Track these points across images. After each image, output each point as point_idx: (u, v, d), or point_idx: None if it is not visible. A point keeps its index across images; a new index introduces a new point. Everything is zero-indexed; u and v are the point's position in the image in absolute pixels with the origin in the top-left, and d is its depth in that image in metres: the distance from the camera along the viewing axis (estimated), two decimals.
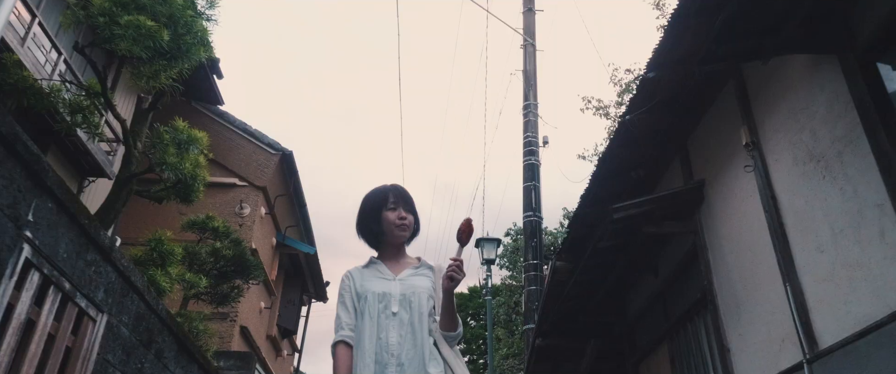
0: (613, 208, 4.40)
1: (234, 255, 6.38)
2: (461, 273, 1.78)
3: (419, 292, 1.85)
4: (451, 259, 1.79)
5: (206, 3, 3.75)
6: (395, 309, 1.82)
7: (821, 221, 3.22)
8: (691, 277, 4.78)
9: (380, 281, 1.89)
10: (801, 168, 3.40)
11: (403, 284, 1.88)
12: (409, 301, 1.84)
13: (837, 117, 3.10)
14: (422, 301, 1.84)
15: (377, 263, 1.96)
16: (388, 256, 1.97)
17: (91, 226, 2.91)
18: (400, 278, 1.90)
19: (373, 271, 1.93)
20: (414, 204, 1.99)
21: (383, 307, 1.83)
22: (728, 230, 4.18)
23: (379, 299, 1.83)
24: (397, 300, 1.84)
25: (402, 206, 1.94)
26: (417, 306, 1.83)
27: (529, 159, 9.78)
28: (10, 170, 2.34)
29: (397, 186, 2.00)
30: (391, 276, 1.91)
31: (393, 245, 1.96)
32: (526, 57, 10.69)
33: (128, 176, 3.77)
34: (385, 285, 1.87)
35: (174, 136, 3.78)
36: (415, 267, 1.94)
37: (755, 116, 3.85)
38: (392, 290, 1.86)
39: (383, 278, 1.90)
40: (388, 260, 1.96)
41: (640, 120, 4.35)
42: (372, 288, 1.86)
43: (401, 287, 1.87)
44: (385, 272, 1.92)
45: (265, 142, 8.58)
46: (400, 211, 1.94)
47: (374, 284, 1.88)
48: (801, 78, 3.41)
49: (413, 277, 1.91)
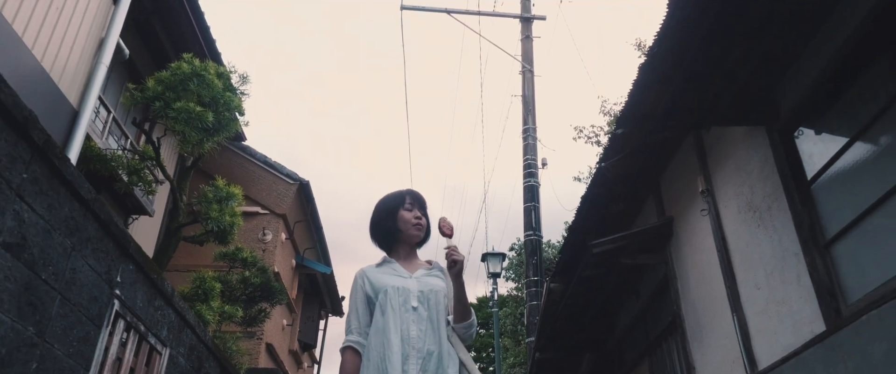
0: (593, 244, 5.04)
1: (262, 282, 7.10)
2: (459, 254, 1.82)
3: (436, 291, 1.88)
4: (445, 248, 1.85)
5: (240, 80, 4.48)
6: (415, 304, 1.83)
7: (757, 262, 3.84)
8: (665, 302, 5.39)
9: (395, 278, 1.91)
10: (743, 216, 4.02)
11: (420, 281, 1.90)
12: (427, 298, 1.85)
13: (766, 177, 3.73)
14: (439, 299, 1.86)
15: (391, 262, 1.98)
16: (401, 256, 2.00)
17: (158, 279, 3.63)
18: (415, 276, 1.93)
19: (387, 269, 1.95)
20: (427, 209, 2.05)
21: (403, 301, 1.84)
22: (692, 263, 4.80)
23: (398, 293, 1.85)
24: (415, 296, 1.85)
25: (418, 208, 2.00)
26: (435, 303, 1.85)
27: (529, 181, 10.38)
28: (106, 245, 3.06)
29: (413, 190, 2.06)
30: (407, 274, 1.93)
31: (406, 245, 2.00)
32: (524, 83, 11.28)
33: (176, 226, 4.49)
34: (402, 281, 1.89)
35: (216, 193, 4.50)
36: (427, 268, 1.97)
37: (709, 167, 4.48)
38: (409, 286, 1.87)
39: (399, 275, 1.92)
40: (401, 260, 1.98)
41: (614, 166, 4.99)
42: (389, 283, 1.88)
43: (418, 284, 1.88)
44: (400, 270, 1.94)
45: (284, 173, 9.33)
46: (416, 211, 1.99)
47: (390, 279, 1.89)
48: (741, 140, 4.04)
49: (427, 276, 1.93)
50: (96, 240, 2.96)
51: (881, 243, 2.88)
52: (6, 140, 2.28)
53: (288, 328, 10.20)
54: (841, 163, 3.17)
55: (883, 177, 2.85)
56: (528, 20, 11.76)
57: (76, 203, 2.75)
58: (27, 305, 2.44)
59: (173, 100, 3.95)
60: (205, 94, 4.03)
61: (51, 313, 2.60)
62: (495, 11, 12.43)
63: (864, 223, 2.98)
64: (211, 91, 4.04)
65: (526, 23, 11.87)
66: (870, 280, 2.92)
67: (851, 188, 3.10)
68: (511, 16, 12.29)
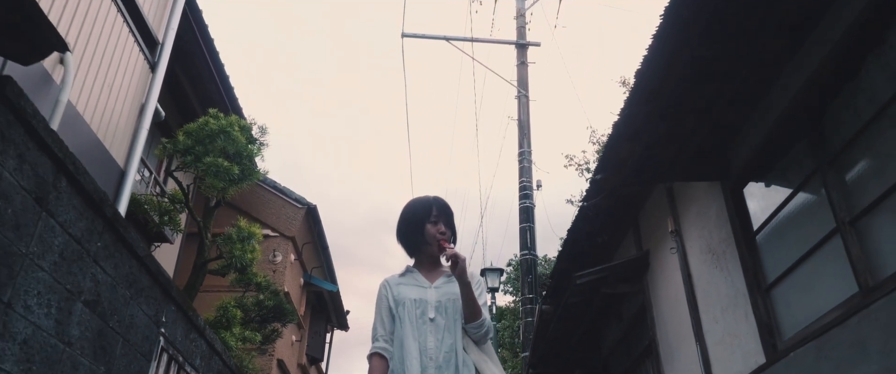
0: (576, 276, 5.58)
1: (275, 305, 7.65)
2: (459, 255, 1.86)
3: (454, 299, 1.94)
4: (444, 255, 1.94)
5: (259, 132, 5.06)
6: (432, 315, 1.90)
7: (715, 298, 4.38)
8: (644, 326, 5.92)
9: (416, 289, 1.98)
10: (704, 256, 4.56)
11: (438, 291, 1.97)
12: (444, 308, 1.93)
13: (722, 224, 4.27)
14: (456, 307, 1.93)
15: (413, 271, 2.06)
16: (424, 265, 2.07)
17: (193, 315, 4.18)
18: (435, 285, 2.00)
19: (409, 280, 2.03)
20: (453, 218, 2.09)
21: (420, 313, 1.91)
22: (665, 294, 5.33)
23: (416, 306, 1.93)
24: (433, 307, 1.93)
25: (443, 220, 2.04)
26: (452, 312, 1.92)
27: (524, 203, 10.90)
28: (155, 292, 3.62)
29: (440, 199, 2.10)
30: (427, 284, 2.00)
31: (430, 256, 2.06)
32: (520, 107, 11.80)
33: (203, 262, 5.05)
34: (421, 292, 1.97)
35: (239, 233, 5.07)
36: (448, 275, 2.01)
37: (678, 210, 5.02)
38: (428, 297, 1.95)
39: (419, 285, 2.00)
40: (423, 269, 2.06)
41: (595, 206, 5.54)
42: (408, 295, 1.96)
43: (436, 295, 1.96)
44: (421, 280, 2.02)
45: (293, 197, 9.89)
46: (440, 226, 2.03)
47: (410, 291, 1.97)
48: (702, 190, 4.58)
49: (447, 284, 1.99)
50: (148, 288, 3.52)
51: (808, 290, 3.42)
52: (87, 218, 2.85)
53: (297, 343, 10.75)
54: (778, 219, 3.72)
55: (809, 235, 3.39)
56: (524, 47, 12.28)
57: (134, 260, 3.31)
58: (100, 349, 3.00)
59: (202, 153, 4.51)
60: (230, 148, 4.60)
61: (116, 353, 3.16)
62: (492, 39, 12.99)
63: (796, 272, 3.52)
64: (236, 146, 4.60)
65: (521, 49, 12.40)
66: (799, 321, 3.46)
67: (787, 241, 3.64)
68: (507, 42, 12.80)
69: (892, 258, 2.80)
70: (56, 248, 2.62)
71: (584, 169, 11.52)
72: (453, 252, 1.86)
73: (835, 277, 3.14)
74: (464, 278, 1.86)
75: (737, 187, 4.13)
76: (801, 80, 3.32)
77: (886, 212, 2.86)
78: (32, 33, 2.28)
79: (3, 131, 2.26)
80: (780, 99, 3.54)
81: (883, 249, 2.87)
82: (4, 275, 2.29)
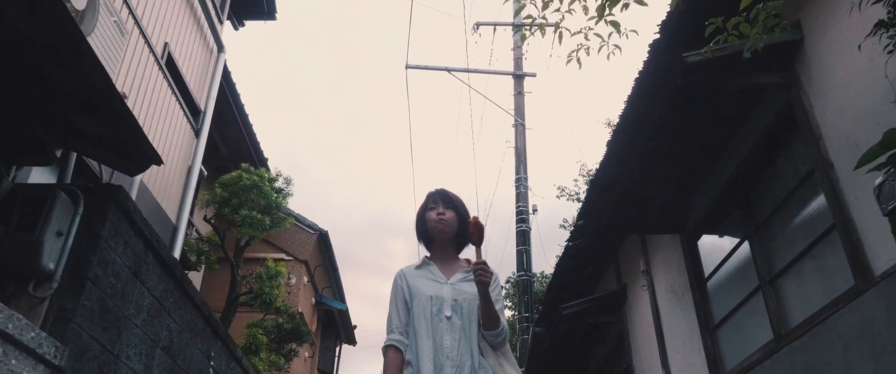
0: (563, 307, 6.33)
1: (292, 327, 8.44)
2: (488, 274, 1.79)
3: (470, 300, 1.87)
4: (473, 264, 1.82)
5: (284, 183, 5.85)
6: (448, 313, 1.84)
7: (677, 332, 5.12)
8: (622, 351, 6.66)
9: (431, 284, 1.93)
10: (668, 296, 5.31)
11: (455, 289, 1.90)
12: (461, 307, 1.86)
13: (681, 271, 5.02)
14: (472, 308, 1.87)
15: (429, 264, 2.00)
16: (439, 257, 2.02)
17: (233, 348, 4.96)
18: (451, 282, 1.93)
19: (425, 272, 1.97)
20: (458, 204, 2.04)
21: (436, 311, 1.85)
22: (639, 325, 6.07)
23: (432, 302, 1.87)
24: (449, 305, 1.86)
25: (441, 204, 2.01)
26: (468, 312, 1.86)
27: (521, 226, 11.64)
28: (207, 332, 4.39)
29: (441, 189, 2.08)
30: (443, 279, 1.94)
31: (440, 245, 2.02)
32: (516, 135, 12.58)
33: (235, 296, 5.83)
34: (437, 288, 1.91)
35: (267, 272, 5.84)
36: (465, 271, 1.96)
37: (649, 253, 5.77)
38: (444, 294, 1.89)
39: (435, 280, 1.94)
40: (439, 261, 2.01)
41: (578, 246, 6.30)
42: (424, 290, 1.90)
43: (452, 292, 1.89)
44: (437, 275, 1.95)
45: (306, 223, 10.68)
46: (439, 207, 2.00)
47: (425, 286, 1.92)
48: (667, 238, 5.34)
49: (463, 282, 1.93)
50: (202, 330, 4.30)
51: (741, 333, 4.17)
52: (164, 281, 3.63)
53: (309, 359, 11.52)
54: (722, 271, 4.47)
55: (742, 288, 4.14)
56: (520, 77, 13.06)
57: (194, 309, 4.08)
58: None
59: (238, 205, 5.29)
60: (262, 201, 5.38)
61: None
62: (490, 69, 13.79)
63: (733, 317, 4.27)
64: (267, 199, 5.38)
65: (518, 79, 13.18)
66: (736, 359, 4.21)
67: (728, 291, 4.39)
68: (505, 73, 13.58)
69: (798, 312, 3.54)
70: (145, 307, 3.39)
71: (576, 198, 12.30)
72: (482, 277, 1.77)
73: (758, 325, 3.89)
74: (486, 296, 1.80)
75: (692, 239, 4.89)
76: (734, 164, 4.09)
77: (794, 275, 3.61)
78: (137, 151, 3.07)
79: (116, 227, 3.05)
80: (721, 175, 4.30)
81: (791, 304, 3.62)
82: (115, 334, 3.07)
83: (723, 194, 4.31)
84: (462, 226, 2.01)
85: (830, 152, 3.16)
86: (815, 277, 3.43)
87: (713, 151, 4.24)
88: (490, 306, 1.83)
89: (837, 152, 3.10)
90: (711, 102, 3.75)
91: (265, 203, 5.38)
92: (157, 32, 4.68)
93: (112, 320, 3.03)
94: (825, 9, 3.17)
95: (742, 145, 4.00)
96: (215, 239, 5.80)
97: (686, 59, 3.29)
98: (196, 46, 5.45)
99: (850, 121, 2.98)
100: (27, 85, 2.70)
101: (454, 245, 2.04)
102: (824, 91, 3.20)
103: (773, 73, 3.49)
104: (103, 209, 2.97)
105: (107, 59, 3.09)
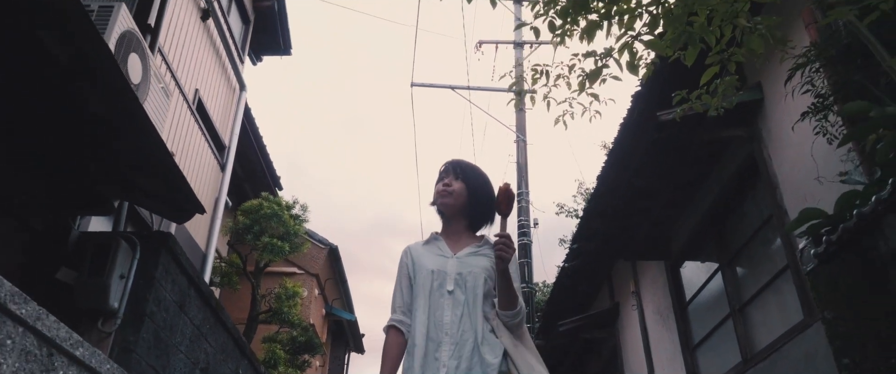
0: (559, 324, 6.80)
1: (306, 339, 8.92)
2: (509, 250, 1.69)
3: (476, 273, 1.78)
4: (495, 236, 1.72)
5: (301, 210, 6.35)
6: (450, 288, 1.76)
7: (662, 351, 5.58)
8: (615, 365, 7.11)
9: (436, 258, 1.84)
10: (655, 316, 5.77)
11: (461, 262, 1.81)
12: (465, 280, 1.77)
13: (665, 294, 5.48)
14: (478, 282, 1.77)
15: (438, 239, 1.90)
16: (448, 231, 1.91)
17: (258, 364, 5.46)
18: (458, 256, 1.83)
19: (432, 248, 1.88)
20: (470, 174, 1.90)
21: (438, 285, 1.77)
22: (630, 341, 6.53)
23: (434, 277, 1.78)
24: (452, 279, 1.77)
25: (451, 175, 1.90)
26: (473, 287, 1.76)
27: (523, 240, 12.09)
28: (236, 352, 4.89)
29: (456, 159, 1.97)
30: (450, 253, 1.84)
31: (448, 218, 1.91)
32: (518, 150, 13.03)
33: (256, 314, 6.32)
34: (441, 262, 1.82)
35: (286, 292, 6.33)
36: (476, 246, 1.85)
37: (638, 274, 6.23)
38: (448, 268, 1.80)
39: (441, 255, 1.85)
40: (448, 236, 1.90)
41: (573, 267, 6.77)
42: (426, 265, 1.82)
43: (458, 266, 1.80)
44: (444, 249, 1.86)
45: (317, 239, 11.18)
46: (446, 179, 1.89)
47: (429, 260, 1.83)
48: (654, 263, 5.80)
49: (471, 256, 1.83)
50: (232, 350, 4.79)
51: (715, 355, 4.63)
52: (202, 310, 4.12)
53: (320, 368, 12.00)
54: (700, 297, 4.93)
55: (716, 314, 4.60)
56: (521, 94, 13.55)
57: (226, 332, 4.58)
58: None
59: (259, 232, 5.79)
60: (281, 228, 5.87)
61: None
62: (491, 87, 14.28)
63: (709, 340, 4.73)
64: (285, 226, 5.88)
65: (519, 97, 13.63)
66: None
67: (705, 315, 4.85)
68: (506, 90, 14.08)
69: (762, 338, 4.00)
70: (187, 335, 3.89)
71: (574, 215, 12.76)
72: (502, 253, 1.66)
73: (729, 348, 4.34)
74: (506, 272, 1.70)
75: (675, 266, 5.35)
76: (709, 201, 4.55)
77: (760, 304, 4.07)
78: (184, 202, 3.57)
79: (166, 268, 3.55)
80: (698, 210, 4.77)
81: (757, 331, 4.08)
82: (165, 360, 3.56)
83: (700, 227, 4.77)
84: (476, 197, 1.87)
85: (785, 200, 3.62)
86: (775, 308, 3.89)
87: (690, 188, 4.71)
88: (509, 284, 1.71)
89: (791, 201, 3.56)
90: (685, 150, 4.22)
91: (284, 230, 5.88)
92: (190, 81, 5.19)
93: (163, 348, 3.52)
94: (780, 76, 3.64)
95: (715, 185, 4.46)
96: (237, 261, 6.31)
97: (660, 117, 3.77)
98: (221, 87, 5.96)
99: (801, 176, 3.45)
100: (96, 150, 3.20)
101: (465, 218, 1.90)
102: (781, 146, 3.66)
103: (738, 127, 3.96)
104: (156, 254, 3.47)
105: (157, 120, 3.59)
